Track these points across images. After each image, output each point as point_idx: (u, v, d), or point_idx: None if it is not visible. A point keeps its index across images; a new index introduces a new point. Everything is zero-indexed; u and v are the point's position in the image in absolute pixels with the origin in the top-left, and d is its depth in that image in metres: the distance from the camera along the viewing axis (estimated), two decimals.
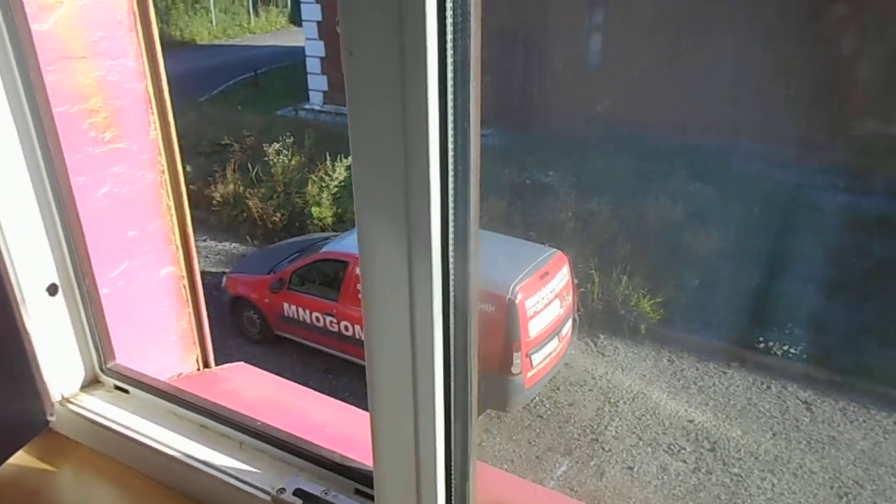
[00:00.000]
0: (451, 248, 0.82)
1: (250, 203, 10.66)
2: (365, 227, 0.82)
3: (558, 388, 8.20)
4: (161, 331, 1.57)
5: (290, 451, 1.19)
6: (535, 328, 7.39)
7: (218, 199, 10.89)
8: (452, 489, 0.96)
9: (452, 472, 0.94)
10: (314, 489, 1.12)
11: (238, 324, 8.67)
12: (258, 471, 1.19)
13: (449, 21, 0.72)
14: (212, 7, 23.41)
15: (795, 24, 12.17)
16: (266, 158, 11.15)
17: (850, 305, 9.28)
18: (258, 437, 1.24)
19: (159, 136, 1.45)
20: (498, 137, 14.28)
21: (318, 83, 15.44)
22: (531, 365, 7.43)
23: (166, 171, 1.49)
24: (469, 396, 0.93)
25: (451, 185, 0.78)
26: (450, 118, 0.75)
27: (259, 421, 1.25)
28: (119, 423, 1.32)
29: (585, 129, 13.23)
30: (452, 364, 0.89)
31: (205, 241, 10.61)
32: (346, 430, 1.37)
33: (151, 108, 1.43)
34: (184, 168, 1.55)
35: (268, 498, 1.13)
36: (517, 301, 7.09)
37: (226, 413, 1.28)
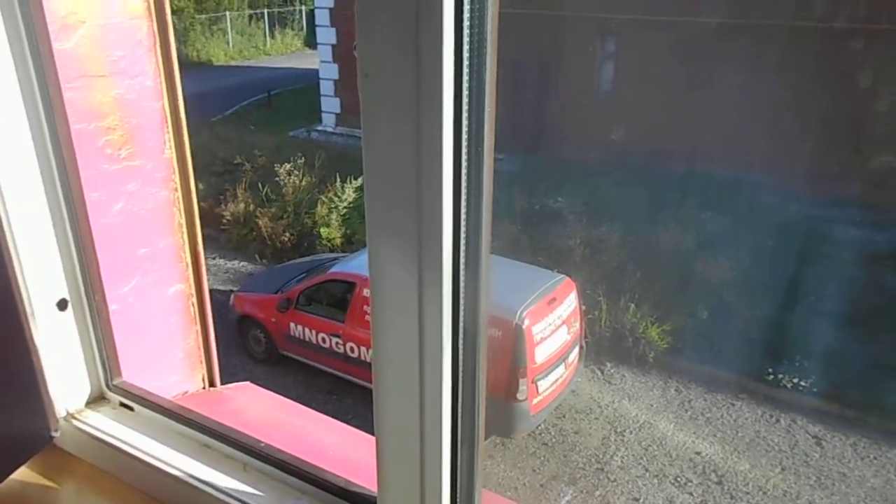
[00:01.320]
0: (462, 273, 0.81)
1: (260, 222, 10.72)
2: (376, 251, 0.81)
3: (564, 416, 8.12)
4: (168, 348, 1.56)
5: (294, 475, 1.18)
6: (541, 354, 7.34)
7: (228, 217, 10.96)
8: None
9: (458, 499, 0.93)
10: None
11: (244, 342, 8.67)
12: (262, 493, 1.18)
13: (465, 47, 0.72)
14: (229, 29, 23.80)
15: (811, 56, 12.23)
16: (277, 178, 11.24)
17: (862, 340, 9.17)
18: (262, 458, 1.22)
19: (174, 155, 1.47)
20: (509, 163, 14.34)
21: (330, 105, 15.61)
22: (537, 391, 7.36)
23: (179, 190, 1.50)
24: (476, 423, 0.92)
25: (463, 211, 0.78)
26: (464, 143, 0.75)
27: (263, 442, 1.23)
28: (123, 441, 1.31)
29: (596, 156, 13.27)
30: (461, 390, 0.88)
31: (214, 259, 10.67)
32: (350, 454, 1.36)
33: (167, 127, 1.44)
34: (196, 187, 1.56)
35: None
36: (524, 326, 7.05)
37: (230, 433, 1.27)
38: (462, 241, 0.80)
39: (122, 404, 1.38)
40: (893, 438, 7.72)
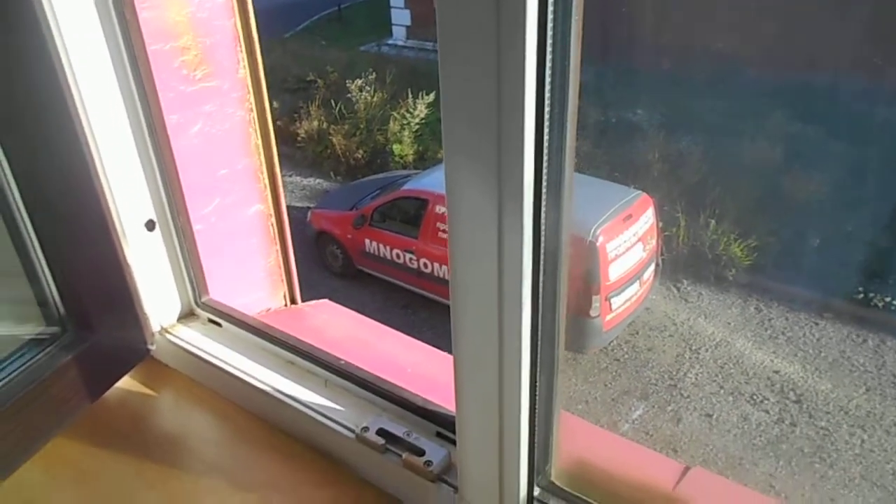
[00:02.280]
0: (543, 198, 0.77)
1: (334, 139, 10.80)
2: (454, 174, 0.78)
3: (637, 333, 8.07)
4: (250, 267, 1.61)
5: (374, 392, 1.21)
6: (615, 271, 7.26)
7: (303, 135, 11.08)
8: (535, 438, 0.95)
9: (536, 421, 0.93)
10: (397, 430, 1.14)
11: (322, 257, 8.94)
12: (342, 409, 1.22)
13: None
14: None
15: None
16: (349, 95, 11.20)
17: None
18: (342, 375, 1.26)
19: (248, 74, 1.46)
20: (583, 74, 13.75)
21: (400, 17, 15.23)
22: (610, 308, 7.33)
23: (254, 110, 1.49)
24: (556, 347, 0.91)
25: (546, 133, 0.73)
26: (548, 59, 0.70)
27: (343, 360, 1.27)
28: (212, 355, 1.38)
29: (678, 65, 12.53)
30: (540, 313, 0.86)
31: (291, 176, 10.89)
32: (428, 373, 1.38)
33: (240, 46, 1.43)
34: (271, 106, 1.55)
35: (352, 435, 1.16)
36: (598, 243, 6.95)
37: (312, 351, 1.32)
38: (544, 165, 0.75)
39: (211, 320, 1.44)
40: None
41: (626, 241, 7.33)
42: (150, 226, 1.35)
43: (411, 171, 9.96)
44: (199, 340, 1.41)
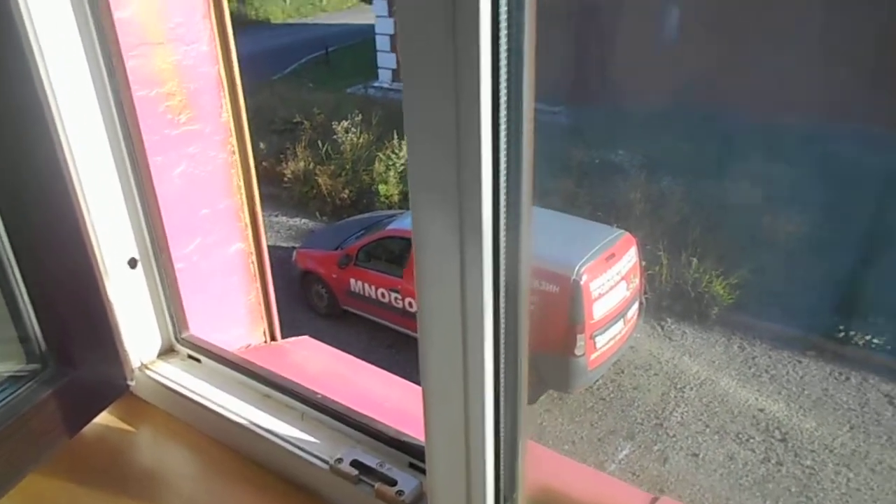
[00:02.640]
0: (502, 231, 0.83)
1: (320, 180, 10.92)
2: (418, 209, 0.84)
3: (623, 372, 8.09)
4: (231, 304, 1.65)
5: (348, 424, 1.24)
6: (599, 310, 7.30)
7: (289, 175, 11.20)
8: (501, 466, 0.98)
9: (501, 449, 0.97)
10: (370, 461, 1.17)
11: (307, 297, 8.94)
12: (317, 441, 1.25)
13: (503, 6, 0.72)
14: None
15: None
16: (335, 136, 11.37)
17: None
18: (318, 408, 1.29)
19: (230, 118, 1.52)
20: (567, 116, 14.04)
21: (387, 61, 15.55)
22: (595, 347, 7.35)
23: (237, 152, 1.55)
24: (519, 376, 0.95)
25: (503, 165, 0.79)
26: (502, 99, 0.76)
27: (319, 394, 1.30)
28: (191, 390, 1.40)
29: (658, 108, 12.84)
30: (502, 344, 0.90)
31: (277, 216, 10.96)
32: (405, 406, 1.41)
33: (223, 91, 1.49)
34: (254, 148, 1.61)
35: (326, 467, 1.18)
36: (582, 282, 7.01)
37: (289, 385, 1.35)
38: (502, 196, 0.81)
39: (190, 356, 1.47)
40: None
41: (609, 280, 7.39)
42: (133, 264, 1.39)
43: (396, 210, 10.06)
44: (178, 376, 1.44)
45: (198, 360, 1.46)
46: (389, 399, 1.49)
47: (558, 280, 6.99)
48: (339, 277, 8.51)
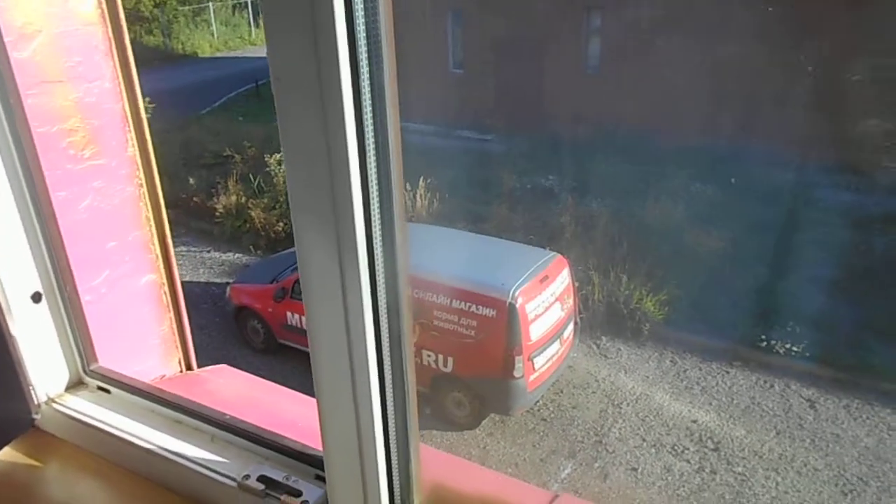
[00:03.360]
0: (377, 247, 0.90)
1: (253, 213, 10.81)
2: (300, 232, 0.91)
3: (562, 392, 8.24)
4: (143, 335, 1.66)
5: (257, 442, 1.28)
6: (536, 331, 7.43)
7: (221, 210, 11.05)
8: (395, 471, 1.04)
9: (392, 454, 1.03)
10: (277, 475, 1.21)
11: (242, 333, 8.79)
12: (227, 461, 1.28)
13: (362, 46, 0.81)
14: (213, 20, 23.67)
15: (796, 24, 12.21)
16: (268, 169, 11.30)
17: (853, 303, 9.28)
18: (228, 430, 1.33)
19: (137, 153, 1.55)
20: (498, 143, 14.38)
21: None
22: (533, 368, 7.47)
23: (144, 185, 1.58)
24: (406, 384, 1.02)
25: (373, 185, 0.87)
26: (368, 131, 0.84)
27: (228, 415, 1.33)
28: (101, 421, 1.41)
29: (586, 133, 13.30)
30: (387, 355, 0.97)
31: (209, 251, 10.77)
32: (316, 423, 1.45)
33: (129, 126, 1.53)
34: (187, 182, 1.64)
35: (234, 484, 1.22)
36: (518, 305, 7.14)
37: (199, 409, 1.37)
38: (375, 218, 0.89)
39: (100, 388, 1.48)
40: (885, 398, 7.84)
41: (544, 302, 7.55)
42: (37, 298, 1.40)
43: None
44: (86, 408, 1.44)
45: (107, 392, 1.47)
46: (304, 417, 1.52)
47: (495, 304, 7.11)
48: (276, 311, 8.41)
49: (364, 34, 0.80)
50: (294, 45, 0.80)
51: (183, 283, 1.73)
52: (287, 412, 1.60)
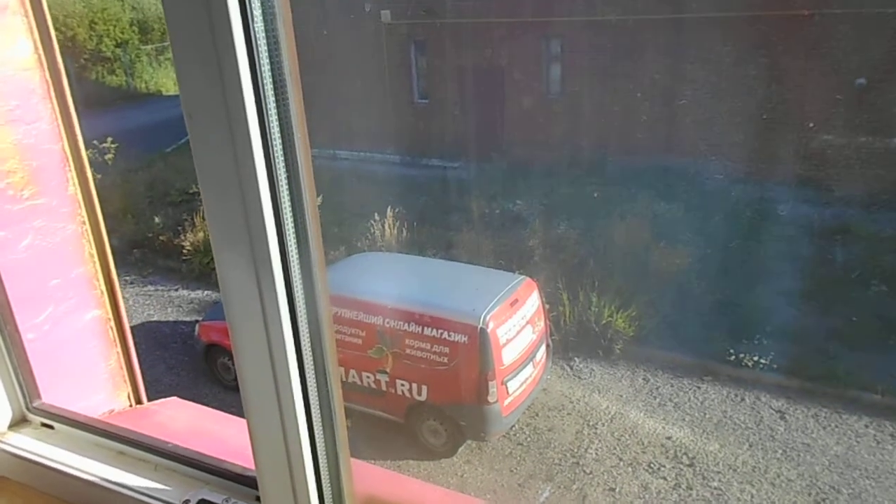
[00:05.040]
0: (294, 269, 0.95)
1: None
2: (220, 256, 0.96)
3: (537, 415, 8.26)
4: (90, 370, 1.68)
5: (198, 468, 1.31)
6: (508, 355, 7.46)
7: (188, 247, 10.97)
8: (324, 485, 1.08)
9: (322, 469, 1.07)
10: (216, 498, 1.24)
11: (212, 371, 8.68)
12: (169, 488, 1.31)
13: (267, 84, 0.87)
14: None
15: (747, 45, 12.64)
16: None
17: (816, 313, 9.50)
18: (171, 458, 1.35)
19: (78, 191, 1.59)
20: (465, 170, 14.56)
21: None
22: (507, 392, 7.47)
23: (87, 222, 1.62)
24: (332, 400, 1.06)
25: (285, 209, 0.92)
26: (277, 162, 0.90)
27: (171, 444, 1.36)
28: (44, 457, 1.42)
29: (551, 157, 13.55)
30: (310, 373, 1.02)
31: (177, 290, 10.66)
32: None
33: (69, 166, 1.57)
34: (152, 221, 1.67)
35: None
36: (489, 330, 7.16)
37: (142, 439, 1.40)
38: (290, 241, 0.94)
39: (44, 424, 1.49)
40: (852, 405, 7.99)
41: (515, 325, 7.59)
42: None
43: None
44: (30, 445, 1.45)
45: (51, 427, 1.48)
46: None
47: (466, 330, 7.13)
48: None
49: (269, 67, 0.86)
50: (202, 82, 0.86)
51: (151, 322, 1.76)
52: (234, 439, 1.61)
